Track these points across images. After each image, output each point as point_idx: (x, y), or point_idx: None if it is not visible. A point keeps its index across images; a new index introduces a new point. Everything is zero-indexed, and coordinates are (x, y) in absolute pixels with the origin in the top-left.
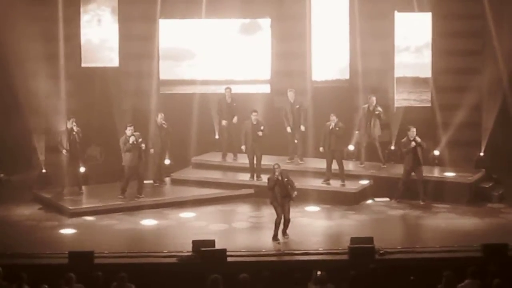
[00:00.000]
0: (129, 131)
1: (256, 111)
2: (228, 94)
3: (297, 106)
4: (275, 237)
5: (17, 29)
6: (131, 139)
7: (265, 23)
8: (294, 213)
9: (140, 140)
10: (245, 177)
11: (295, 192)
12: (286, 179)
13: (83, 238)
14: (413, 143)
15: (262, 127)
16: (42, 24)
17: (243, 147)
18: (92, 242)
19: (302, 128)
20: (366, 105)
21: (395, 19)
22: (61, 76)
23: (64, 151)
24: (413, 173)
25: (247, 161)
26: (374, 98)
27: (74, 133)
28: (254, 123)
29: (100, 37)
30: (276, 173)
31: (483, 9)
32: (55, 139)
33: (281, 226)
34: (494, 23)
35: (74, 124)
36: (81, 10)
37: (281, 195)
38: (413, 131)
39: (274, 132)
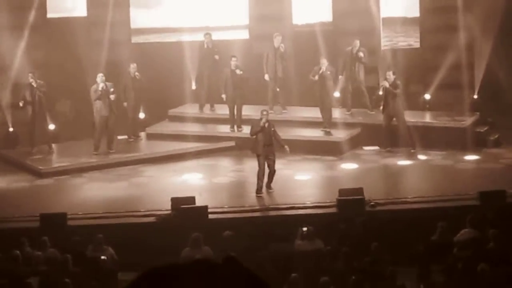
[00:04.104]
0: (99, 78)
1: (235, 56)
2: (209, 40)
3: (282, 51)
4: (258, 191)
5: None
6: (101, 86)
7: None
8: (278, 164)
9: (112, 89)
10: (225, 128)
11: (287, 146)
12: (272, 129)
13: (55, 199)
14: (383, 87)
15: (240, 71)
16: None
17: (223, 96)
18: (65, 203)
19: (280, 75)
20: (349, 48)
21: None
22: (26, 27)
23: (20, 103)
24: (394, 119)
25: (225, 112)
26: (357, 41)
27: (35, 88)
28: (234, 68)
29: None
30: (263, 120)
31: None
32: (19, 95)
33: (266, 179)
34: None
35: (33, 79)
36: None
37: (264, 143)
38: (388, 74)
39: (254, 79)
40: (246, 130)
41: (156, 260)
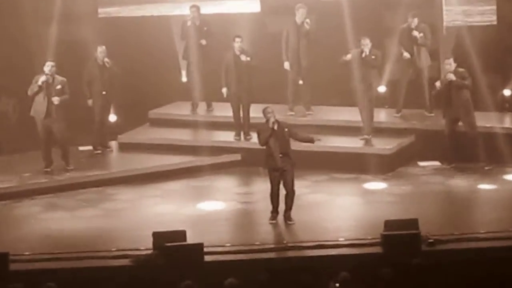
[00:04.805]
0: (47, 68)
1: (240, 36)
2: (196, 15)
3: (307, 28)
4: (272, 217)
5: None
6: (42, 79)
7: None
8: (301, 185)
9: (59, 87)
10: (227, 136)
11: (316, 138)
12: (286, 129)
13: None
14: (448, 80)
15: (247, 58)
16: None
17: (224, 90)
18: (5, 239)
19: (303, 63)
20: (405, 25)
21: None
22: None
23: None
24: (460, 123)
25: (228, 113)
26: (415, 18)
27: None
28: (238, 53)
29: None
30: (271, 120)
31: None
32: None
33: (282, 205)
34: None
35: None
36: None
37: (279, 151)
38: (449, 63)
39: (267, 68)
40: (256, 138)
41: None
